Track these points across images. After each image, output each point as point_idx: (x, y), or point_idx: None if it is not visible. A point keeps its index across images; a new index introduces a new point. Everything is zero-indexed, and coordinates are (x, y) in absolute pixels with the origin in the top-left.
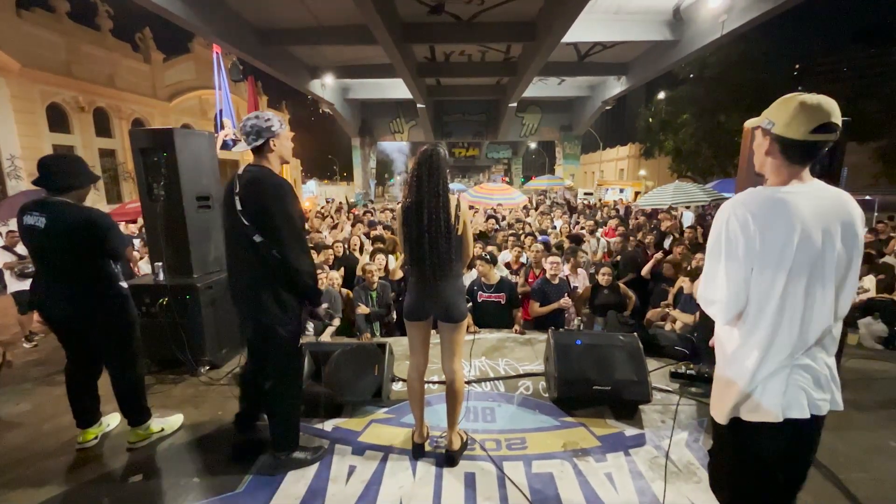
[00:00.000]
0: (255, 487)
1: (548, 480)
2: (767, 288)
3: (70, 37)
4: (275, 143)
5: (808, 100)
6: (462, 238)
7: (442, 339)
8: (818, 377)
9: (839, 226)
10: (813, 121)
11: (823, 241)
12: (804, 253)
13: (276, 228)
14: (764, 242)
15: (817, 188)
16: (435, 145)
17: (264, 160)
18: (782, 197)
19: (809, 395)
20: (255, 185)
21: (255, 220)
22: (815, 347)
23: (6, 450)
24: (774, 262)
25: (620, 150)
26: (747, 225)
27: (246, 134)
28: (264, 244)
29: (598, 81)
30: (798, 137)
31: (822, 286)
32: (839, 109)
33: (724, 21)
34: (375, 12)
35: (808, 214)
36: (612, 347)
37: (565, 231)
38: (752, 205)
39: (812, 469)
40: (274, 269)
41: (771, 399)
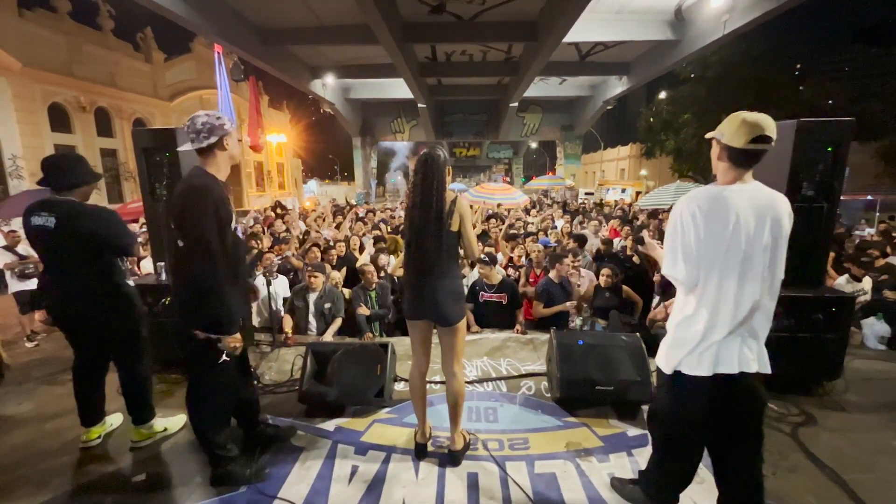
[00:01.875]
0: (259, 487)
1: (550, 481)
2: (710, 268)
3: (71, 36)
4: (227, 142)
5: (749, 117)
6: (459, 235)
7: (441, 341)
8: (750, 342)
9: (768, 219)
10: (751, 133)
11: (755, 230)
12: (738, 240)
13: (185, 236)
14: (707, 231)
15: (755, 188)
16: (433, 147)
17: (211, 162)
18: (725, 194)
19: (741, 355)
20: (183, 185)
21: (177, 224)
22: (749, 317)
23: (9, 449)
24: (714, 247)
25: (621, 150)
26: (695, 216)
27: (196, 132)
28: (183, 250)
29: (599, 81)
30: (739, 146)
31: (752, 268)
32: (775, 125)
33: (726, 20)
34: (377, 12)
35: (743, 208)
36: (615, 348)
37: (566, 230)
38: (700, 200)
39: (815, 469)
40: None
41: (707, 358)
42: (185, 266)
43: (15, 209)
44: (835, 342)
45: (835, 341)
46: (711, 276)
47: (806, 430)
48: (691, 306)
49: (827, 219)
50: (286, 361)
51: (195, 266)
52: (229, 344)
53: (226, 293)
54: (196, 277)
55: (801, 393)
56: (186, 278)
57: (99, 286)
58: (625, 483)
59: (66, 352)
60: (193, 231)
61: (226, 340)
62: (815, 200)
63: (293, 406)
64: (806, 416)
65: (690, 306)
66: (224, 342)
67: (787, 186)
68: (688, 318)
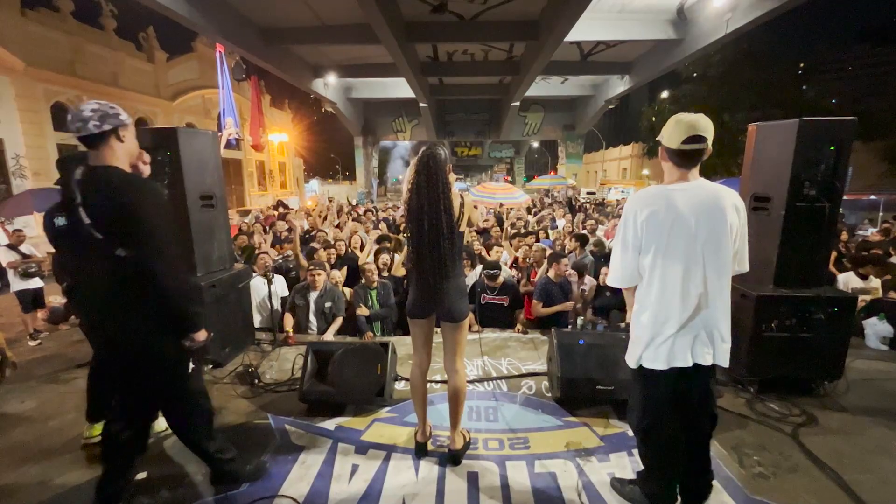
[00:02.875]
0: (259, 485)
1: (551, 480)
2: (651, 265)
3: (74, 36)
4: (124, 134)
5: (683, 118)
6: (463, 234)
7: (444, 338)
8: (704, 337)
9: (709, 214)
10: (684, 133)
11: (696, 225)
12: (679, 236)
13: (141, 239)
14: (647, 229)
15: (697, 185)
16: (433, 146)
17: (110, 156)
18: (666, 193)
19: (695, 349)
20: (105, 188)
21: (114, 232)
22: (697, 311)
23: (12, 446)
24: (655, 245)
25: (623, 150)
26: (637, 216)
27: (83, 120)
28: (130, 259)
29: (601, 80)
30: (674, 147)
31: (695, 261)
32: (711, 126)
33: (728, 20)
34: (378, 11)
35: (683, 206)
36: (616, 347)
37: (567, 229)
38: (642, 200)
39: (816, 470)
40: (143, 286)
41: (662, 352)
42: (140, 278)
43: (18, 208)
44: (836, 342)
45: (836, 341)
46: (655, 273)
47: (806, 430)
48: (643, 303)
49: (829, 219)
50: (287, 360)
51: (161, 268)
52: (199, 339)
53: (191, 288)
54: (164, 286)
55: (801, 393)
56: (147, 290)
57: None
58: (625, 483)
59: (69, 350)
60: (151, 233)
61: (199, 338)
62: (816, 200)
63: (293, 405)
64: (807, 417)
65: (642, 303)
66: (197, 341)
67: (788, 186)
68: (641, 315)
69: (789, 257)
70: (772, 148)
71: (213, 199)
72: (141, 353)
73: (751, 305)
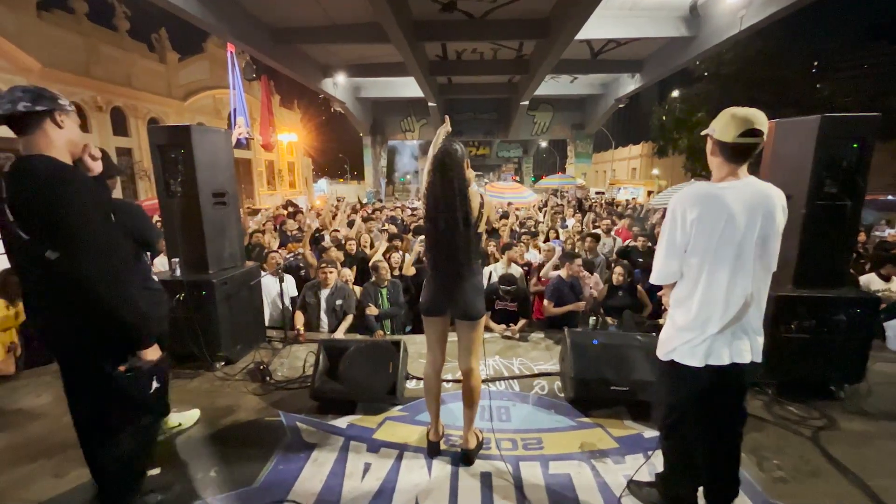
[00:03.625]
0: (272, 482)
1: (566, 482)
2: (698, 265)
3: (88, 37)
4: (62, 119)
5: (738, 112)
6: (482, 235)
7: (459, 337)
8: (742, 336)
9: (760, 214)
10: (741, 127)
11: (746, 225)
12: (729, 235)
13: (65, 240)
14: (697, 230)
15: (747, 183)
16: (449, 142)
17: (44, 143)
18: (715, 192)
19: (733, 347)
20: (28, 180)
21: (38, 231)
22: (742, 312)
23: (28, 440)
24: (704, 245)
25: (633, 149)
26: (686, 215)
27: (13, 101)
28: (61, 261)
29: (611, 79)
30: (730, 140)
31: (744, 262)
32: (766, 119)
33: (742, 16)
34: (388, 10)
35: (735, 204)
36: (630, 347)
37: (576, 229)
38: (691, 197)
39: (838, 474)
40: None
41: (700, 350)
42: (73, 284)
43: None
44: (858, 344)
45: (858, 343)
46: (703, 272)
47: (827, 434)
48: (685, 300)
49: (851, 217)
50: (298, 358)
51: (92, 273)
52: (153, 360)
53: (134, 297)
54: (92, 292)
55: (821, 397)
56: (78, 299)
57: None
58: (642, 486)
59: None
60: (79, 232)
61: (146, 356)
62: (838, 198)
63: (304, 402)
64: (827, 420)
65: (685, 299)
66: (144, 360)
67: (809, 183)
68: (681, 311)
69: (810, 257)
70: (792, 145)
71: (226, 196)
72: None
73: (770, 306)
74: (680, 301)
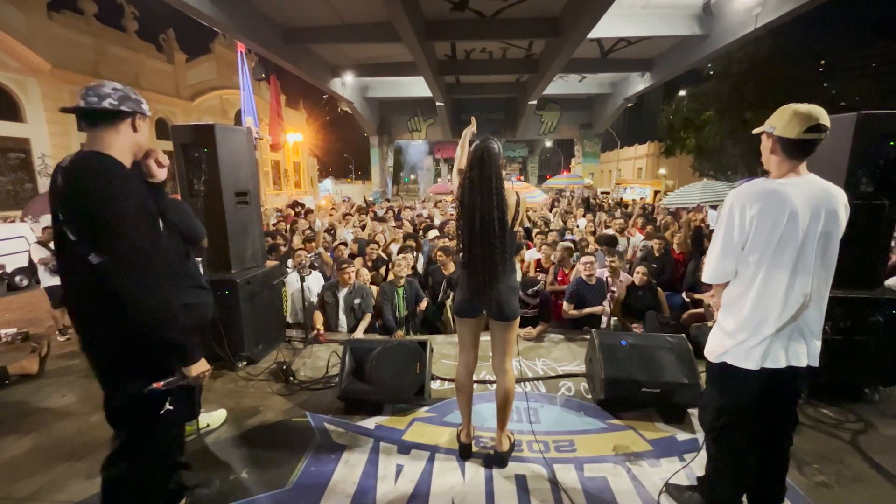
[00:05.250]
0: (305, 484)
1: (602, 485)
2: (757, 263)
3: (98, 38)
4: (140, 125)
5: (801, 108)
6: (517, 233)
7: (493, 338)
8: (800, 339)
9: (823, 212)
10: (805, 123)
11: (809, 222)
12: (791, 233)
13: (106, 244)
14: (757, 226)
15: (808, 180)
16: (486, 139)
17: (111, 142)
18: (776, 188)
19: (790, 350)
20: (82, 175)
21: (84, 232)
22: (799, 312)
23: (58, 441)
24: (764, 242)
25: (639, 149)
26: (745, 211)
27: (99, 96)
28: (104, 266)
29: (620, 78)
30: (794, 136)
31: (805, 261)
32: (826, 114)
33: (757, 14)
34: (401, 9)
35: (797, 201)
36: (660, 348)
37: (589, 229)
38: (751, 195)
39: (882, 480)
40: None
41: (756, 352)
42: (116, 290)
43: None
44: (893, 346)
45: (893, 345)
46: (760, 271)
47: (865, 437)
48: (739, 299)
49: (888, 216)
50: (320, 358)
51: (128, 288)
52: (197, 375)
53: (177, 310)
54: (135, 306)
55: (853, 399)
56: (119, 307)
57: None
58: (682, 490)
59: None
60: (119, 237)
61: (192, 372)
62: (874, 197)
63: (330, 403)
64: (864, 424)
65: (738, 299)
66: (190, 376)
67: (845, 181)
68: (736, 312)
69: (846, 257)
70: (827, 143)
71: (248, 195)
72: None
73: None
74: (732, 301)
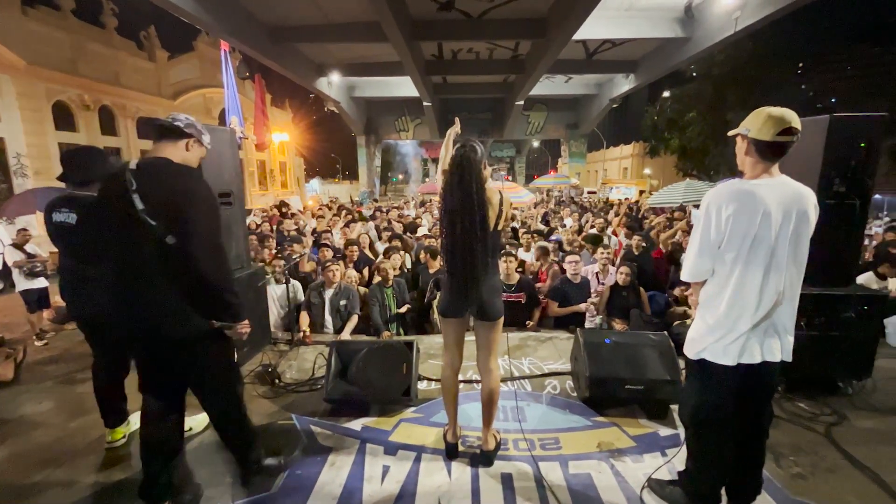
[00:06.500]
0: (290, 487)
1: (587, 482)
2: (733, 261)
3: (75, 34)
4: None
5: (774, 111)
6: (501, 233)
7: (478, 338)
8: (773, 334)
9: (794, 212)
10: (778, 126)
11: (781, 222)
12: (764, 232)
13: (190, 227)
14: (732, 225)
15: (781, 182)
16: (466, 143)
17: (170, 153)
18: (750, 189)
19: (764, 345)
20: (166, 174)
21: (165, 218)
22: (773, 310)
23: (35, 449)
24: (738, 242)
25: (624, 149)
26: (721, 211)
27: (175, 119)
28: (176, 248)
29: (605, 79)
30: (767, 139)
31: (777, 259)
32: (798, 118)
33: (737, 17)
34: (387, 9)
35: (770, 202)
36: (643, 346)
37: (574, 228)
38: (727, 195)
39: (854, 470)
40: (188, 275)
41: (733, 348)
42: (186, 265)
43: (20, 207)
44: (866, 341)
45: (866, 340)
46: (736, 269)
47: (839, 429)
48: (716, 296)
49: (859, 216)
50: (306, 360)
51: (203, 263)
52: (241, 330)
53: (235, 284)
54: (206, 275)
55: (828, 392)
56: (191, 279)
57: None
58: (664, 484)
59: (78, 349)
60: (201, 222)
61: (237, 327)
62: (846, 196)
63: (316, 405)
64: (838, 416)
65: (715, 296)
66: (235, 329)
67: (819, 182)
68: (714, 309)
69: (819, 255)
70: (800, 144)
71: (231, 196)
72: (183, 340)
73: None
74: (710, 299)
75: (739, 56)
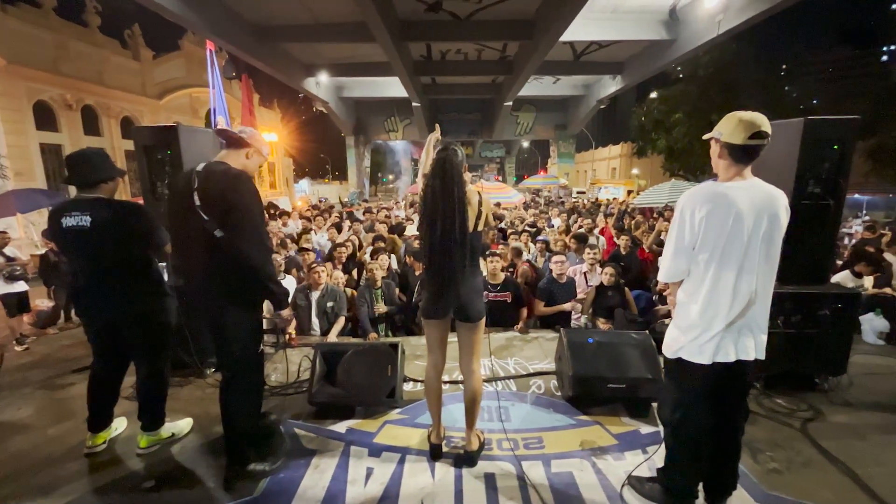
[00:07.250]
0: (273, 491)
1: (569, 480)
2: (706, 262)
3: (57, 33)
4: (250, 155)
5: (745, 115)
6: (481, 234)
7: (460, 339)
8: (748, 333)
9: (766, 214)
10: (749, 130)
11: (753, 224)
12: (737, 234)
13: (238, 223)
14: (705, 227)
15: (753, 184)
16: (447, 148)
17: (231, 160)
18: (723, 191)
19: (739, 345)
20: (222, 177)
21: (217, 214)
22: (746, 309)
23: (12, 456)
24: (712, 243)
25: (612, 149)
26: (695, 213)
27: (240, 130)
28: (225, 240)
29: (593, 80)
30: (739, 142)
31: (750, 261)
32: (768, 122)
33: (720, 21)
34: (374, 9)
35: (742, 204)
36: (625, 345)
37: (562, 229)
38: (700, 197)
39: (828, 464)
40: (234, 267)
41: (708, 347)
42: (233, 256)
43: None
44: (840, 338)
45: (840, 337)
46: (710, 269)
47: (815, 425)
48: (692, 297)
49: (833, 216)
50: (291, 363)
51: (249, 254)
52: (286, 318)
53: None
54: (253, 266)
55: (806, 389)
56: (237, 269)
57: (137, 284)
58: (643, 481)
59: (59, 354)
60: (246, 219)
61: (284, 315)
62: (821, 198)
63: (301, 407)
64: (814, 412)
65: (691, 296)
66: (282, 316)
67: (794, 183)
68: (688, 309)
69: (794, 254)
70: (776, 146)
71: None
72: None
73: None
74: (686, 298)
75: (724, 58)
